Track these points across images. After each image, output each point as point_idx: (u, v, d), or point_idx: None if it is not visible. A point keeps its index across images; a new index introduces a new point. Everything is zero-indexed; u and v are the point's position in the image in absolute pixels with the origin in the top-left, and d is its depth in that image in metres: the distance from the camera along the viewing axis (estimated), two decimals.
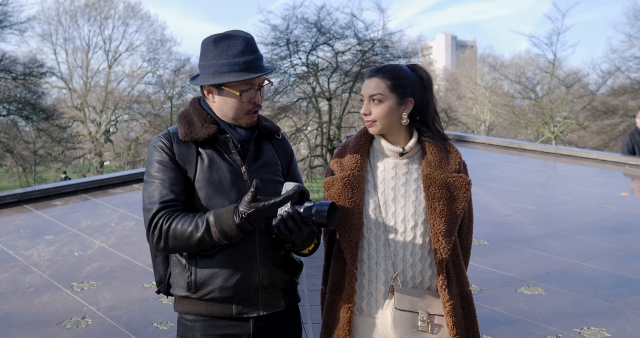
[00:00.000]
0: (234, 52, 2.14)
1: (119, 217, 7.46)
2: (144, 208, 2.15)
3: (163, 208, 2.10)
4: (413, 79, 2.20)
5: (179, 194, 2.13)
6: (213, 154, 2.18)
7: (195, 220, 2.06)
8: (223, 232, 2.03)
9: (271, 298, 2.21)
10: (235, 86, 2.15)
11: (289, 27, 25.71)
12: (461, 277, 2.22)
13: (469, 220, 2.29)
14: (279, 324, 2.24)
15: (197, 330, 2.17)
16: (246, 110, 2.19)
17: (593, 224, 7.05)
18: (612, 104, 30.45)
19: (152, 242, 2.12)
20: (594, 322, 4.46)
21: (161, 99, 39.88)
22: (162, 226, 2.07)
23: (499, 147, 12.27)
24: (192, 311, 2.17)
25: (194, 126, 2.18)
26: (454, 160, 2.21)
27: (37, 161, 32.89)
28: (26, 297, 5.05)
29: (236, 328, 2.17)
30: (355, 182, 2.19)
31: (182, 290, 2.17)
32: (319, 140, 26.56)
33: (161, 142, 2.18)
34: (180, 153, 2.17)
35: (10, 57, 30.12)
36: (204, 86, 2.22)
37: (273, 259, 2.20)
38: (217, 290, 2.13)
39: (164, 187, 2.12)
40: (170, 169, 2.14)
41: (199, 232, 2.04)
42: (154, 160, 2.17)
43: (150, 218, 2.10)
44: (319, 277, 4.40)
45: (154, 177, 2.15)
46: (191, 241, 2.06)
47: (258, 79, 2.18)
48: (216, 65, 2.15)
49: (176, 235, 2.06)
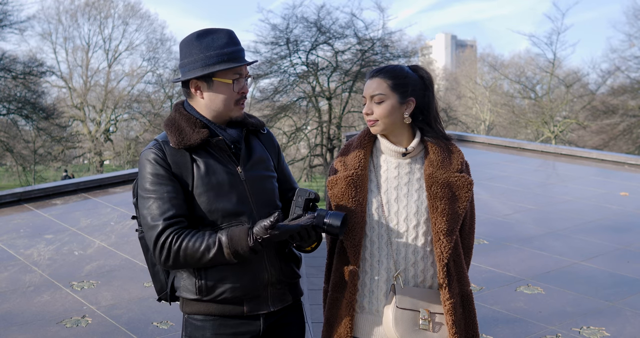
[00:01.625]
0: (219, 44, 2.15)
1: (119, 216, 7.46)
2: (147, 226, 2.11)
3: (169, 226, 2.08)
4: (414, 78, 2.20)
5: (180, 207, 2.11)
6: (208, 159, 2.17)
7: (207, 241, 2.06)
8: (235, 252, 2.04)
9: (279, 293, 2.23)
10: (227, 75, 2.16)
11: (288, 27, 25.69)
12: (462, 276, 2.23)
13: (470, 219, 2.30)
14: (286, 319, 2.26)
15: (208, 330, 2.17)
16: (235, 101, 2.19)
17: (593, 224, 7.06)
18: (611, 104, 30.43)
19: (159, 260, 2.10)
20: (593, 322, 4.47)
21: (161, 98, 39.85)
22: (171, 246, 2.06)
23: (498, 147, 12.28)
24: (203, 311, 2.17)
25: (184, 132, 2.15)
26: (456, 160, 2.22)
27: (36, 160, 32.86)
28: (26, 296, 5.05)
29: (247, 326, 2.18)
30: (359, 181, 2.20)
31: (191, 293, 2.16)
32: (318, 139, 26.54)
33: (153, 154, 2.14)
34: (175, 162, 2.14)
35: (10, 56, 30.08)
36: (190, 84, 2.20)
37: (278, 254, 2.22)
38: (228, 291, 2.14)
39: (164, 202, 2.09)
40: (166, 182, 2.11)
41: (210, 253, 2.05)
42: (147, 173, 2.13)
43: (156, 236, 2.08)
44: (318, 276, 4.41)
45: (150, 191, 2.11)
46: (202, 260, 2.06)
47: (244, 70, 2.21)
48: (204, 58, 2.14)
49: (187, 255, 2.06)
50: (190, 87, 2.20)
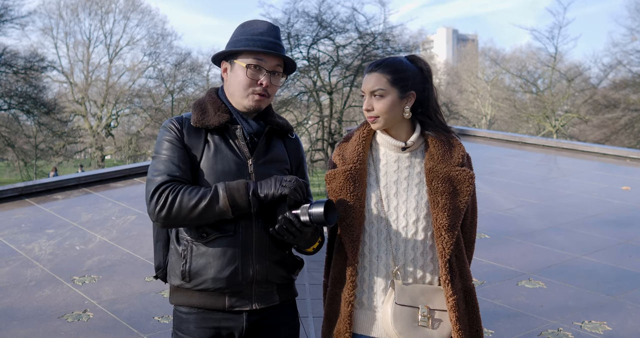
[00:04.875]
0: (255, 31, 2.19)
1: (120, 211, 7.46)
2: (148, 179, 2.14)
3: (170, 181, 2.10)
4: (413, 71, 2.17)
5: (185, 172, 2.14)
6: (221, 143, 2.17)
7: (203, 190, 2.07)
8: (232, 197, 2.04)
9: (265, 293, 2.20)
10: (246, 58, 2.17)
11: (289, 21, 25.64)
12: (464, 271, 2.21)
13: (472, 214, 2.27)
14: (273, 319, 2.23)
15: (191, 323, 2.17)
16: (249, 89, 2.17)
17: (594, 218, 7.05)
18: (613, 98, 30.39)
19: (153, 211, 2.09)
20: (595, 316, 4.46)
21: (162, 93, 39.83)
22: (167, 196, 2.07)
23: (500, 141, 12.26)
24: (186, 303, 2.17)
25: (207, 113, 2.19)
26: (457, 154, 2.19)
27: (38, 155, 32.89)
28: (27, 290, 5.06)
29: (229, 321, 2.17)
30: (357, 175, 2.17)
31: (177, 278, 2.17)
32: (319, 134, 26.52)
33: (172, 124, 2.19)
34: (189, 138, 2.17)
35: (11, 51, 30.05)
36: (222, 65, 2.25)
37: (270, 255, 2.18)
38: (210, 281, 2.13)
39: (172, 163, 2.13)
40: (179, 148, 2.15)
41: (206, 199, 2.05)
42: (163, 139, 2.18)
43: (155, 186, 2.09)
44: (319, 271, 4.39)
45: (162, 153, 2.16)
46: (196, 209, 2.05)
47: (272, 63, 2.18)
48: (236, 40, 2.19)
49: (182, 204, 2.06)
50: (222, 66, 2.25)
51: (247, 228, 2.14)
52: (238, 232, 2.13)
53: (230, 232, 2.13)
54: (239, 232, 2.13)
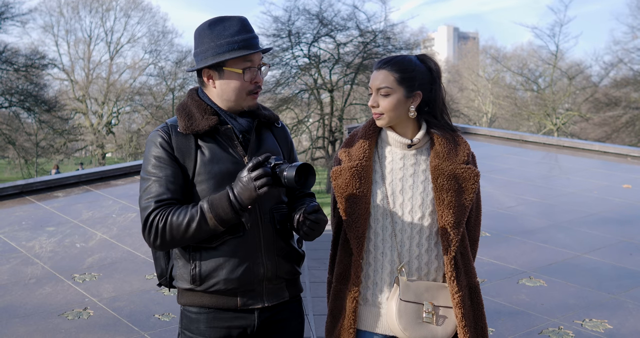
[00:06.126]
0: (230, 32, 2.13)
1: (121, 209, 7.46)
2: (140, 207, 2.12)
3: (159, 206, 2.07)
4: (422, 70, 2.17)
5: (176, 192, 2.10)
6: (214, 147, 2.14)
7: (190, 212, 2.03)
8: (218, 216, 2.01)
9: (275, 289, 2.20)
10: (237, 64, 2.13)
11: (290, 19, 25.67)
12: (469, 268, 2.21)
13: (476, 211, 2.27)
14: (282, 315, 2.23)
15: (202, 322, 2.15)
16: (248, 91, 2.16)
17: (595, 216, 7.04)
18: (614, 96, 30.37)
19: (150, 242, 2.09)
20: (595, 314, 4.46)
21: (163, 90, 39.85)
22: (157, 224, 2.04)
23: (501, 139, 12.24)
24: (197, 303, 2.15)
25: (193, 118, 2.15)
26: (462, 152, 2.19)
27: (38, 153, 32.89)
28: (28, 288, 5.06)
29: (241, 320, 2.16)
30: (363, 172, 2.17)
31: (186, 282, 2.15)
32: (320, 132, 26.55)
33: (159, 137, 2.13)
34: (179, 146, 2.13)
35: (12, 49, 30.04)
36: (203, 72, 2.18)
37: (277, 250, 2.19)
38: (222, 282, 2.11)
39: (160, 185, 2.09)
40: (167, 166, 2.10)
41: (194, 222, 2.02)
42: (151, 155, 2.13)
43: (145, 217, 2.07)
44: (320, 269, 4.39)
45: (150, 173, 2.11)
46: (188, 233, 2.03)
47: (257, 59, 2.17)
48: (214, 46, 2.13)
49: (172, 230, 2.03)
50: (203, 76, 2.19)
51: (254, 226, 2.14)
52: (247, 231, 2.13)
53: (240, 232, 2.12)
54: (247, 231, 2.13)
